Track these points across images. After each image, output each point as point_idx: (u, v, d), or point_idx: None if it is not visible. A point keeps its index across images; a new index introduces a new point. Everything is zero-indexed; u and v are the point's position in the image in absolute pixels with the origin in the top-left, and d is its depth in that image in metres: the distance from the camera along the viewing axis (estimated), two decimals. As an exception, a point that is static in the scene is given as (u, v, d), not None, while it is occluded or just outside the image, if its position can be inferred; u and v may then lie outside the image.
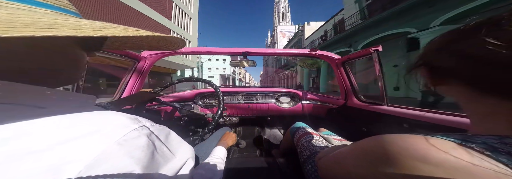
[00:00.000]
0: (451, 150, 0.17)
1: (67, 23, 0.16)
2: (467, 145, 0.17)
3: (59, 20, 0.16)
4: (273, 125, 1.69)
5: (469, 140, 0.17)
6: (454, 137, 0.18)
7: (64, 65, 0.22)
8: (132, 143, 0.17)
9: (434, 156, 0.17)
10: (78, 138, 0.16)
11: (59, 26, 0.15)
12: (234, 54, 1.13)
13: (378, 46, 0.76)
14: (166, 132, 0.24)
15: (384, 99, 0.82)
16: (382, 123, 0.81)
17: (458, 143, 0.17)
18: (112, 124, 0.18)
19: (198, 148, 0.73)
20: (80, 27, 0.16)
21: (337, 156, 0.32)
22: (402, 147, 0.19)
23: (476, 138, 0.18)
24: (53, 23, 0.15)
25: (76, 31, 0.15)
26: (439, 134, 0.19)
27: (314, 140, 0.70)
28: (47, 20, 0.15)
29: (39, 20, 0.15)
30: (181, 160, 0.24)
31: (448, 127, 0.52)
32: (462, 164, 0.16)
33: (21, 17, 0.14)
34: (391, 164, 0.19)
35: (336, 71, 1.10)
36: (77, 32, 0.15)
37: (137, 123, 0.20)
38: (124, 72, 0.99)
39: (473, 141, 0.17)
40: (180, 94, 1.28)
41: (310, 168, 0.55)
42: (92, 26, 0.17)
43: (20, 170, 0.13)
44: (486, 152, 0.16)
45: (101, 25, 0.18)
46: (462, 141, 0.17)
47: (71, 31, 0.15)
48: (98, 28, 0.17)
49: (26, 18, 0.14)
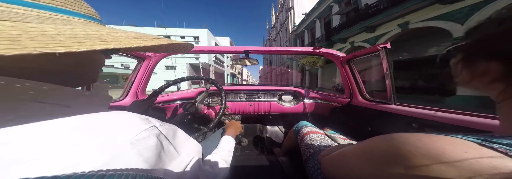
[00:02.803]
0: (471, 150, 0.16)
1: (109, 35, 0.18)
2: (488, 145, 0.16)
3: (103, 32, 0.18)
4: (275, 123, 1.69)
5: (491, 141, 0.16)
6: (474, 137, 0.17)
7: (89, 68, 0.25)
8: (143, 142, 0.19)
9: (450, 156, 0.16)
10: (97, 137, 0.17)
11: (105, 38, 0.17)
12: (236, 52, 1.13)
13: (386, 43, 0.74)
14: (173, 131, 0.25)
15: (392, 98, 0.80)
16: (389, 122, 0.79)
17: (479, 143, 0.16)
18: (126, 124, 0.19)
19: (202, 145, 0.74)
20: (119, 38, 0.18)
21: (342, 155, 0.31)
22: (414, 146, 0.18)
23: (502, 139, 0.16)
24: (100, 35, 0.17)
25: (119, 42, 0.17)
26: (458, 134, 0.18)
27: (319, 138, 0.70)
28: (96, 33, 0.17)
29: (91, 33, 0.17)
30: (187, 157, 0.25)
31: (462, 128, 0.49)
32: (481, 165, 0.15)
33: (79, 31, 0.16)
34: (401, 164, 0.18)
35: (341, 69, 1.08)
36: (119, 44, 0.17)
37: (148, 123, 0.21)
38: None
39: (496, 142, 0.16)
40: (183, 92, 1.30)
41: (313, 166, 0.55)
42: (126, 37, 0.19)
43: (45, 165, 0.14)
44: (509, 153, 0.15)
45: (132, 35, 0.20)
46: (484, 141, 0.16)
47: (115, 43, 0.17)
48: (131, 39, 0.19)
49: (82, 32, 0.16)
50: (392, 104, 0.80)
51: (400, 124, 0.73)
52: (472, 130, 0.47)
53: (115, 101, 0.94)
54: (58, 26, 0.16)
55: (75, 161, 0.15)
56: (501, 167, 0.14)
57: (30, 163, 0.14)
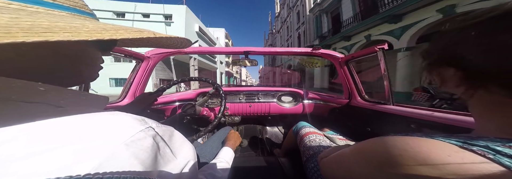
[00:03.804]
0: (453, 153, 0.17)
1: (67, 26, 0.16)
2: (468, 148, 0.17)
3: (59, 23, 0.16)
4: (274, 124, 1.69)
5: (471, 143, 0.18)
6: (455, 139, 0.18)
7: (84, 66, 0.24)
8: (138, 144, 0.18)
9: (435, 159, 0.17)
10: (91, 138, 0.16)
11: (58, 30, 0.15)
12: (236, 53, 1.13)
13: (384, 44, 0.74)
14: (170, 133, 0.25)
15: (390, 98, 0.80)
16: (388, 123, 0.80)
17: (459, 146, 0.17)
18: (121, 125, 0.19)
19: (202, 147, 0.73)
20: (78, 31, 0.16)
21: (339, 156, 0.32)
22: (403, 149, 0.19)
23: (479, 140, 0.18)
24: (54, 26, 0.15)
25: (72, 35, 0.15)
26: (440, 136, 0.19)
27: (318, 139, 0.70)
28: (48, 24, 0.15)
29: (40, 24, 0.15)
30: (183, 160, 0.25)
31: (457, 127, 0.51)
32: (463, 168, 0.16)
33: (22, 21, 0.14)
34: (392, 166, 0.20)
35: (340, 70, 1.08)
36: (73, 36, 0.15)
37: (144, 124, 0.20)
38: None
39: (475, 144, 0.17)
40: (182, 94, 1.29)
41: (313, 167, 0.55)
42: (93, 28, 0.17)
43: (32, 169, 0.13)
44: (487, 155, 0.16)
45: (102, 27, 0.18)
46: (464, 144, 0.18)
47: (66, 35, 0.14)
48: (99, 30, 0.17)
49: (26, 22, 0.14)
50: (390, 105, 0.80)
51: (399, 124, 0.73)
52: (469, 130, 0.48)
53: (114, 103, 0.93)
54: (22, 15, 0.15)
55: (65, 164, 0.14)
56: (480, 169, 0.15)
57: (17, 163, 0.13)
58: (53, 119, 0.16)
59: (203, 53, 1.08)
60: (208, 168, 0.45)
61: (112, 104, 0.91)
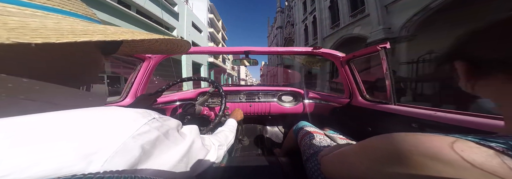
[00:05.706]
0: (468, 149, 0.16)
1: (96, 29, 0.18)
2: (486, 144, 0.16)
3: (89, 27, 0.18)
4: (275, 124, 1.69)
5: (489, 140, 0.16)
6: (472, 136, 0.17)
7: (87, 67, 0.25)
8: (144, 136, 0.19)
9: (447, 154, 0.16)
10: (97, 133, 0.17)
11: (91, 32, 0.17)
12: (237, 53, 1.13)
13: (386, 43, 0.74)
14: (171, 123, 0.26)
15: (392, 98, 0.80)
16: (389, 122, 0.79)
17: (476, 142, 0.16)
18: (125, 119, 0.19)
19: None
20: (105, 33, 0.18)
21: (341, 154, 0.32)
22: (413, 144, 0.18)
23: (499, 138, 0.17)
24: (87, 29, 0.17)
25: (105, 36, 0.17)
26: (456, 134, 0.19)
27: (318, 139, 0.70)
28: (82, 28, 0.17)
29: (76, 28, 0.17)
30: (187, 143, 0.27)
31: (462, 128, 0.49)
32: (477, 163, 0.15)
33: (63, 25, 0.16)
34: (399, 163, 0.19)
35: (341, 69, 1.07)
36: (105, 37, 0.17)
37: (147, 116, 0.22)
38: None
39: (494, 141, 0.16)
40: (183, 93, 1.30)
41: (313, 167, 0.55)
42: (115, 31, 0.19)
43: (41, 163, 0.14)
44: (506, 151, 0.15)
45: (122, 30, 0.20)
46: (481, 140, 0.16)
47: (100, 36, 0.17)
48: (120, 33, 0.19)
49: (67, 27, 0.16)
50: (392, 104, 0.80)
51: (400, 124, 0.73)
52: (472, 130, 0.47)
53: (115, 102, 0.93)
54: (44, 20, 0.16)
55: (86, 152, 0.15)
56: (499, 165, 0.14)
57: (45, 145, 0.14)
58: (52, 115, 0.16)
59: (203, 53, 1.08)
60: (217, 132, 0.54)
61: (113, 104, 0.91)
